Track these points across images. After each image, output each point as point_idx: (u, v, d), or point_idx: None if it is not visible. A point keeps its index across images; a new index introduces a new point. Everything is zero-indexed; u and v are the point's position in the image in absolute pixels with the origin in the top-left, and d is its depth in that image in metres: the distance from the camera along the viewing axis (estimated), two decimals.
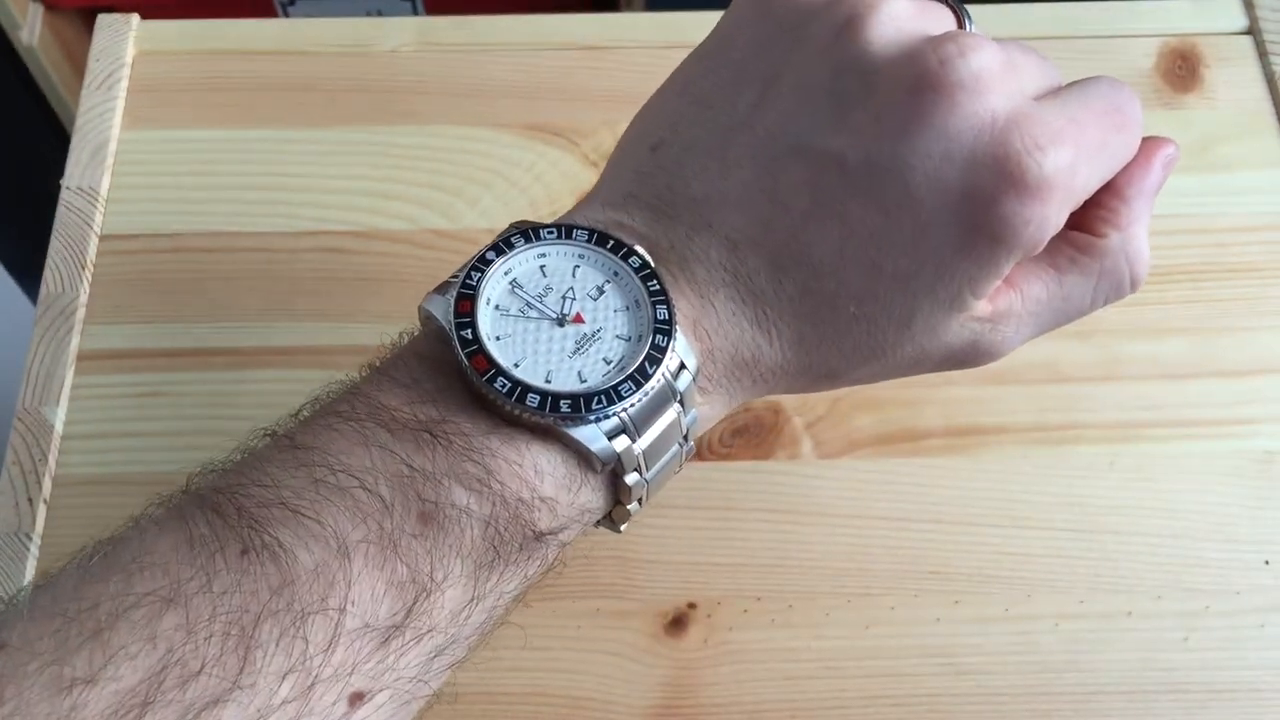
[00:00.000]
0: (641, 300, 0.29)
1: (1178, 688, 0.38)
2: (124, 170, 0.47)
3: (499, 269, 0.29)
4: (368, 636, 0.25)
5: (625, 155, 0.32)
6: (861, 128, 0.28)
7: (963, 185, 0.27)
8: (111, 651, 0.22)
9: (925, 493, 0.41)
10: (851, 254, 0.28)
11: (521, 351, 0.28)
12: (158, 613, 0.23)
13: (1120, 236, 0.31)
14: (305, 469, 0.26)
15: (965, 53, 0.27)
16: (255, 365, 0.44)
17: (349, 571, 0.25)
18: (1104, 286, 0.31)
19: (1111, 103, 0.30)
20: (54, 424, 0.42)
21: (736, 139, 0.30)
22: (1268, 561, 0.40)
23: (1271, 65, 0.49)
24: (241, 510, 0.25)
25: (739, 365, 0.30)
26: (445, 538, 0.26)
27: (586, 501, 0.28)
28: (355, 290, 0.45)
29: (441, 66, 0.50)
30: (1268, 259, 0.46)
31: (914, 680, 0.38)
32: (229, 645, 0.23)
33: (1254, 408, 0.43)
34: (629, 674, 0.38)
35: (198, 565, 0.24)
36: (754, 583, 0.40)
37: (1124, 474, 0.42)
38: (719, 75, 0.31)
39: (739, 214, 0.29)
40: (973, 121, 0.27)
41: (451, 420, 0.27)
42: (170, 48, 0.50)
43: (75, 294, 0.44)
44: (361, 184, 0.47)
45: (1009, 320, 0.31)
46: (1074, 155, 0.28)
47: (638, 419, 0.28)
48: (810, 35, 0.30)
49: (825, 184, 0.28)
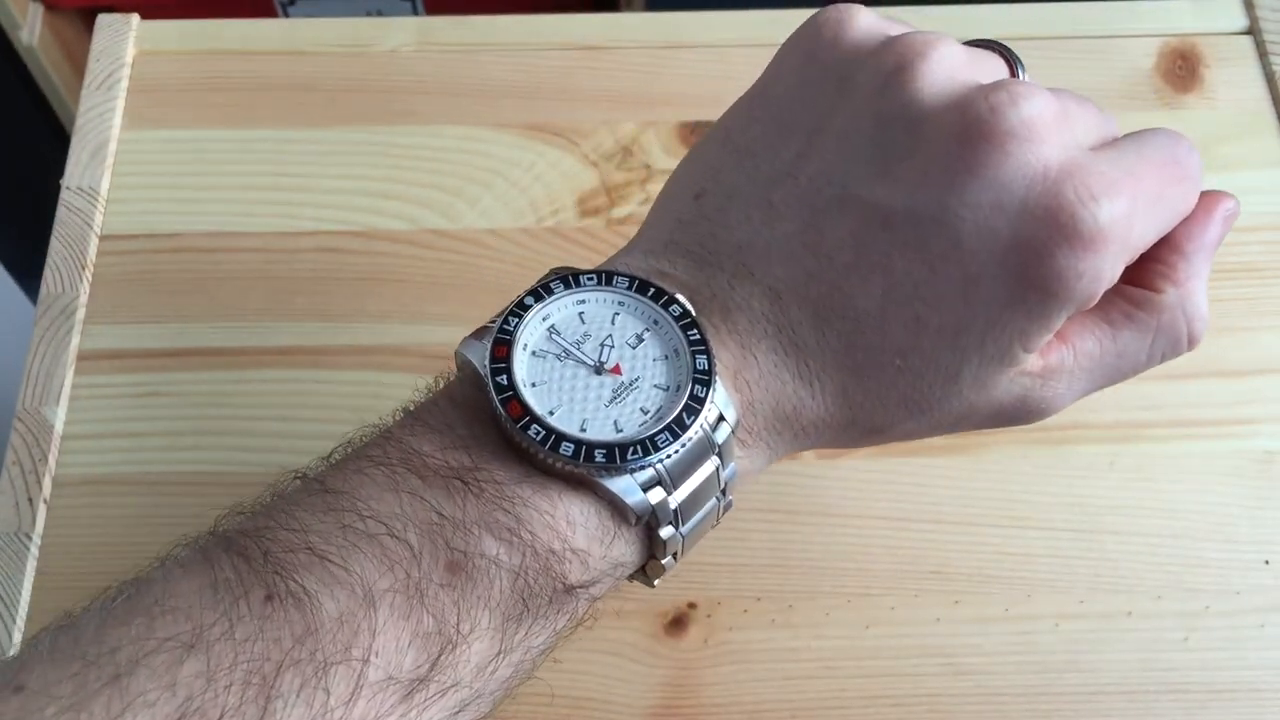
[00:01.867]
0: (681, 349, 0.28)
1: (1178, 688, 0.38)
2: (124, 170, 0.47)
3: (537, 314, 0.29)
4: (391, 689, 0.24)
5: (668, 203, 0.32)
6: (907, 178, 0.27)
7: (1014, 236, 0.27)
8: (130, 699, 0.22)
9: (925, 493, 0.41)
10: (895, 307, 0.28)
11: (557, 399, 0.27)
12: (178, 659, 0.23)
13: (1178, 293, 0.30)
14: (334, 514, 0.25)
15: (1017, 100, 0.27)
16: (255, 365, 0.44)
17: (374, 621, 0.24)
18: (1160, 343, 0.30)
19: (1170, 154, 0.29)
20: (54, 424, 0.42)
21: (780, 188, 0.29)
22: (1268, 561, 0.40)
23: (1271, 65, 0.49)
24: (268, 555, 0.25)
25: (780, 418, 0.29)
26: (474, 588, 0.25)
27: (620, 555, 0.28)
28: (355, 290, 0.45)
29: (441, 66, 0.50)
30: (1268, 259, 0.46)
31: (914, 680, 0.38)
32: (249, 695, 0.23)
33: (1254, 408, 0.43)
34: (629, 674, 0.38)
35: (220, 610, 0.24)
36: (754, 583, 0.40)
37: (1124, 474, 0.42)
38: (763, 124, 0.31)
39: (782, 264, 0.29)
40: (1025, 171, 0.26)
41: (484, 467, 0.26)
42: (170, 48, 0.50)
43: (75, 294, 0.44)
44: (361, 184, 0.47)
45: (1060, 376, 0.30)
46: (1130, 207, 0.27)
47: (674, 471, 0.27)
48: (857, 84, 0.29)
49: (869, 235, 0.28)
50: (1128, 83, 0.49)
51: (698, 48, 0.50)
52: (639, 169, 0.47)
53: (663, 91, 0.49)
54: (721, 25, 0.51)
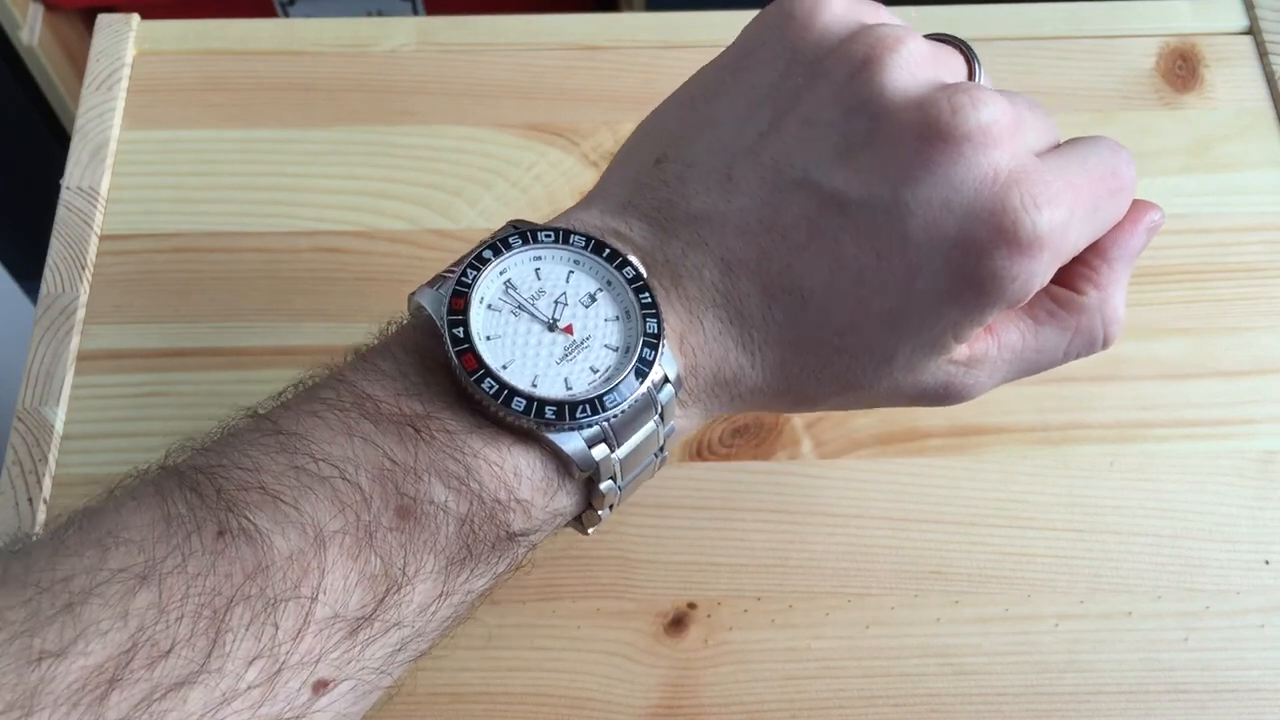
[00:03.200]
0: (632, 311, 0.29)
1: (1178, 688, 0.38)
2: (124, 170, 0.47)
3: (495, 268, 0.29)
4: (336, 626, 0.25)
5: (627, 164, 0.33)
6: (867, 168, 0.28)
7: (958, 235, 0.28)
8: (82, 626, 0.22)
9: (926, 493, 0.41)
10: (841, 289, 0.29)
11: (510, 354, 0.28)
12: (131, 590, 0.23)
13: (1099, 296, 0.31)
14: (287, 454, 0.26)
15: (978, 105, 0.28)
16: (256, 365, 0.44)
17: (323, 560, 0.25)
18: (1077, 342, 0.32)
19: (1109, 166, 0.30)
20: (54, 424, 0.42)
21: (742, 163, 0.30)
22: (1268, 561, 0.40)
23: (1271, 65, 0.49)
24: (220, 491, 0.25)
25: (720, 383, 0.31)
26: (421, 533, 0.26)
27: (560, 505, 0.29)
28: (355, 290, 0.45)
29: (441, 66, 0.50)
30: (1268, 259, 0.46)
31: (914, 680, 0.38)
32: (199, 627, 0.23)
33: (1254, 408, 0.43)
34: (629, 674, 0.38)
35: (173, 544, 0.24)
36: (754, 583, 0.40)
37: (1124, 474, 0.42)
38: (730, 97, 0.31)
39: (737, 237, 0.30)
40: (976, 173, 0.28)
41: (435, 416, 0.27)
42: (170, 48, 0.50)
43: (75, 294, 0.44)
44: (361, 184, 0.47)
45: (983, 365, 0.31)
46: (1068, 216, 0.28)
47: (618, 429, 0.28)
48: (826, 70, 0.30)
49: (824, 219, 0.29)
50: (1128, 82, 0.49)
51: (697, 47, 0.50)
52: None
53: (662, 91, 0.49)
54: (720, 25, 0.51)
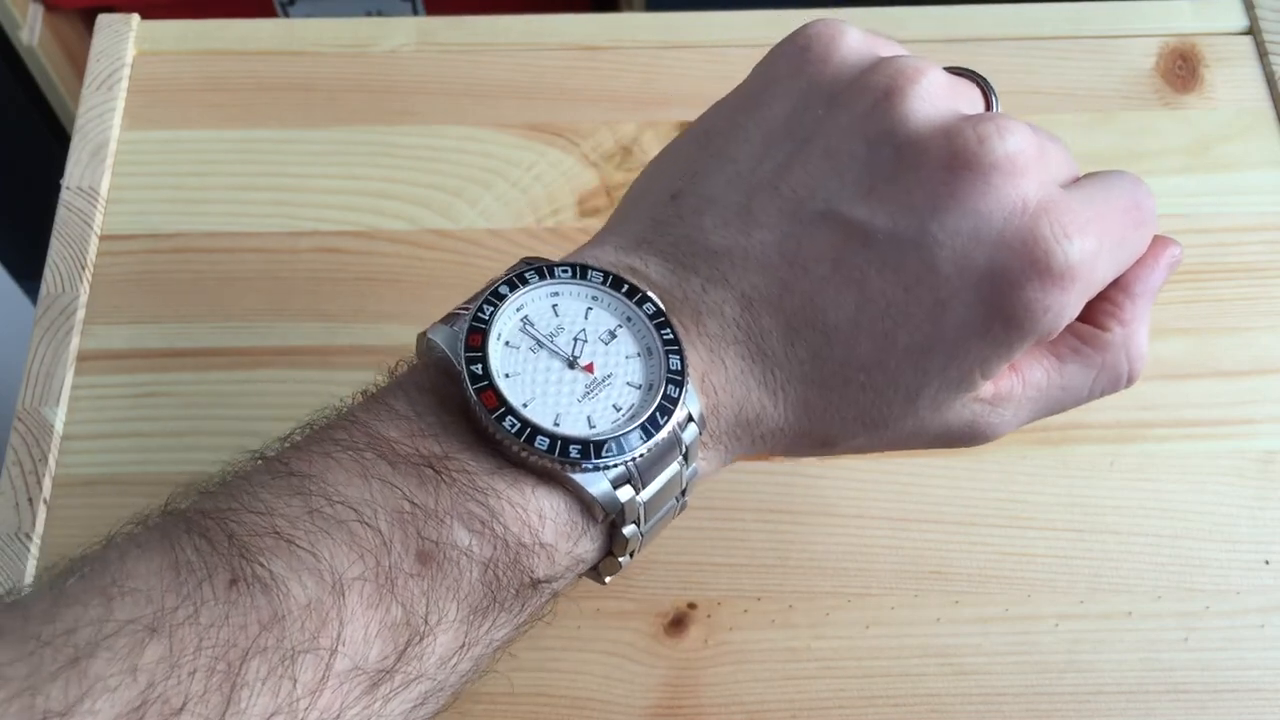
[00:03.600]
0: (654, 348, 0.28)
1: (1178, 688, 0.38)
2: (124, 170, 0.47)
3: (511, 304, 0.28)
4: (356, 680, 0.24)
5: (640, 201, 0.32)
6: (892, 199, 0.28)
7: (988, 266, 0.27)
8: (89, 683, 0.21)
9: (925, 493, 0.41)
10: (866, 324, 0.28)
11: (531, 391, 0.27)
12: (140, 643, 0.22)
13: (1124, 332, 0.31)
14: (301, 497, 0.25)
15: (1004, 134, 0.27)
16: (256, 365, 0.44)
17: (342, 609, 0.24)
18: (1102, 379, 0.31)
19: (1132, 199, 0.30)
20: (54, 424, 0.42)
21: (761, 197, 0.29)
22: (1268, 561, 0.40)
23: (1271, 65, 0.49)
24: (232, 537, 0.24)
25: (741, 424, 0.30)
26: (443, 579, 0.25)
27: (582, 551, 0.28)
28: (355, 290, 0.45)
29: (441, 66, 0.50)
30: (1268, 259, 0.46)
31: (914, 680, 0.38)
32: (214, 682, 0.22)
33: (1254, 408, 0.43)
34: (629, 674, 0.38)
35: (184, 594, 0.23)
36: (754, 583, 0.40)
37: (1124, 474, 0.42)
38: (747, 131, 0.31)
39: (758, 273, 0.29)
40: (1004, 204, 0.27)
41: (455, 457, 0.26)
42: (170, 48, 0.50)
43: (75, 294, 0.44)
44: (361, 184, 0.47)
45: (1008, 404, 0.31)
46: (1097, 246, 0.28)
47: (644, 469, 0.27)
48: (847, 102, 0.29)
49: (848, 252, 0.28)
50: (1128, 82, 0.49)
51: (697, 48, 0.50)
52: (639, 169, 0.47)
53: (662, 91, 0.49)
54: (721, 25, 0.51)
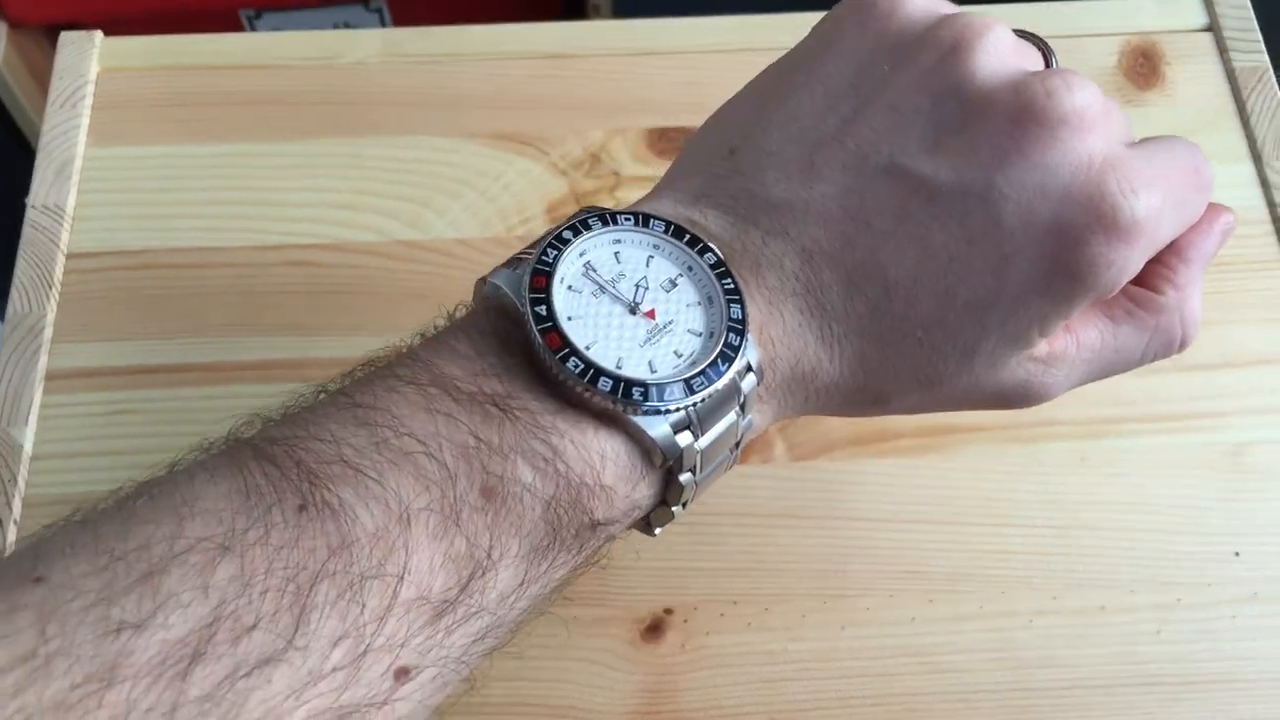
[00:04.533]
0: (715, 297, 0.28)
1: (1152, 680, 0.39)
2: (90, 188, 0.47)
3: (575, 249, 0.28)
4: (421, 609, 0.24)
5: (698, 156, 0.32)
6: (958, 153, 0.28)
7: (1053, 220, 0.27)
8: (162, 598, 0.21)
9: (899, 493, 0.41)
10: (928, 279, 0.28)
11: (594, 334, 0.27)
12: (212, 561, 0.22)
13: (1178, 296, 0.31)
14: (367, 428, 0.25)
15: (1072, 88, 0.28)
16: (227, 381, 0.43)
17: (409, 539, 0.24)
18: (1155, 343, 0.31)
19: (1192, 162, 0.30)
20: (23, 444, 0.41)
21: (825, 151, 0.29)
22: (1238, 553, 0.40)
23: (1232, 61, 0.49)
24: (300, 464, 0.24)
25: (797, 378, 0.30)
26: (507, 514, 0.25)
27: (640, 497, 0.28)
28: (326, 303, 0.45)
29: (408, 78, 0.50)
30: (1235, 254, 0.46)
31: (891, 680, 0.39)
32: (284, 603, 0.22)
33: (1223, 401, 0.43)
34: (607, 681, 0.38)
35: (254, 516, 0.23)
36: (730, 587, 0.40)
37: (1096, 469, 0.42)
38: (809, 88, 0.31)
39: (819, 226, 0.29)
40: (1071, 158, 0.27)
41: (517, 396, 0.26)
42: (134, 64, 0.50)
43: (43, 313, 0.44)
44: (329, 196, 0.47)
45: (1062, 364, 0.31)
46: (1162, 203, 0.28)
47: (703, 416, 0.27)
48: (912, 57, 0.29)
49: (912, 206, 0.28)
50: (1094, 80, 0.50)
51: (665, 54, 0.50)
52: (608, 176, 0.47)
53: (630, 98, 0.49)
54: (688, 32, 0.51)
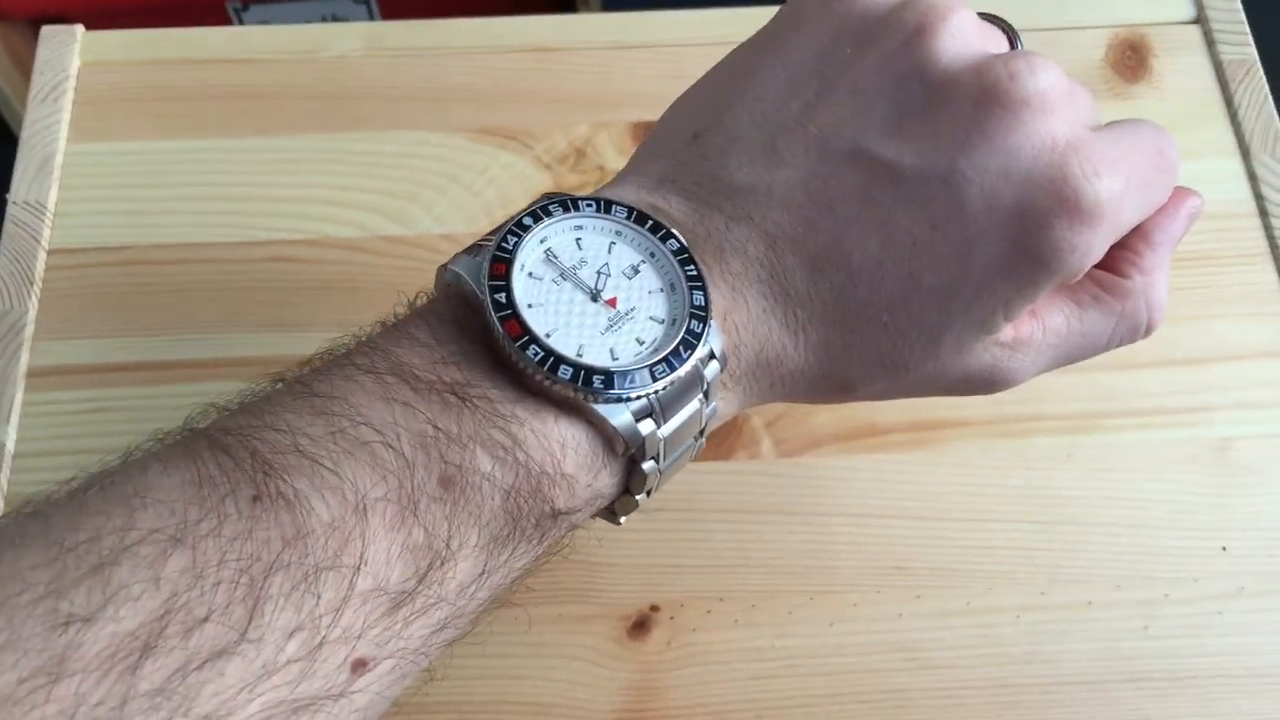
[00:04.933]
0: (678, 284, 0.28)
1: (1139, 676, 0.39)
2: (71, 183, 0.46)
3: (535, 236, 0.28)
4: (377, 600, 0.24)
5: (662, 141, 0.32)
6: (920, 136, 0.28)
7: (1016, 203, 0.27)
8: (112, 590, 0.21)
9: (886, 488, 0.41)
10: (891, 263, 0.28)
11: (554, 322, 0.27)
12: (163, 552, 0.22)
13: (1144, 280, 0.31)
14: (323, 418, 0.25)
15: (1035, 71, 0.28)
16: (211, 378, 0.43)
17: (365, 529, 0.24)
18: (1121, 328, 0.32)
19: (1156, 144, 0.30)
20: (5, 443, 0.41)
21: (787, 135, 0.29)
22: (1225, 548, 0.40)
23: (1220, 54, 0.49)
24: (255, 454, 0.24)
25: (761, 365, 0.30)
26: (465, 504, 0.25)
27: (602, 485, 0.28)
28: (310, 299, 0.45)
29: (392, 71, 0.49)
30: (1221, 247, 0.46)
31: (878, 676, 0.39)
32: (237, 595, 0.22)
33: (1210, 395, 0.43)
34: (593, 678, 0.38)
35: (207, 507, 0.23)
36: (716, 583, 0.40)
37: (1082, 464, 0.42)
38: (772, 71, 0.31)
39: (782, 211, 0.29)
40: (1034, 140, 0.27)
41: (477, 384, 0.26)
42: (116, 58, 0.49)
43: (24, 310, 0.44)
44: (314, 192, 0.47)
45: (1028, 349, 0.31)
46: (1124, 187, 0.28)
47: (665, 403, 0.27)
48: (875, 41, 0.29)
49: (875, 190, 0.28)
50: (1078, 73, 0.49)
51: (650, 48, 0.50)
52: (593, 170, 0.47)
53: (615, 92, 0.49)
54: (673, 25, 0.50)
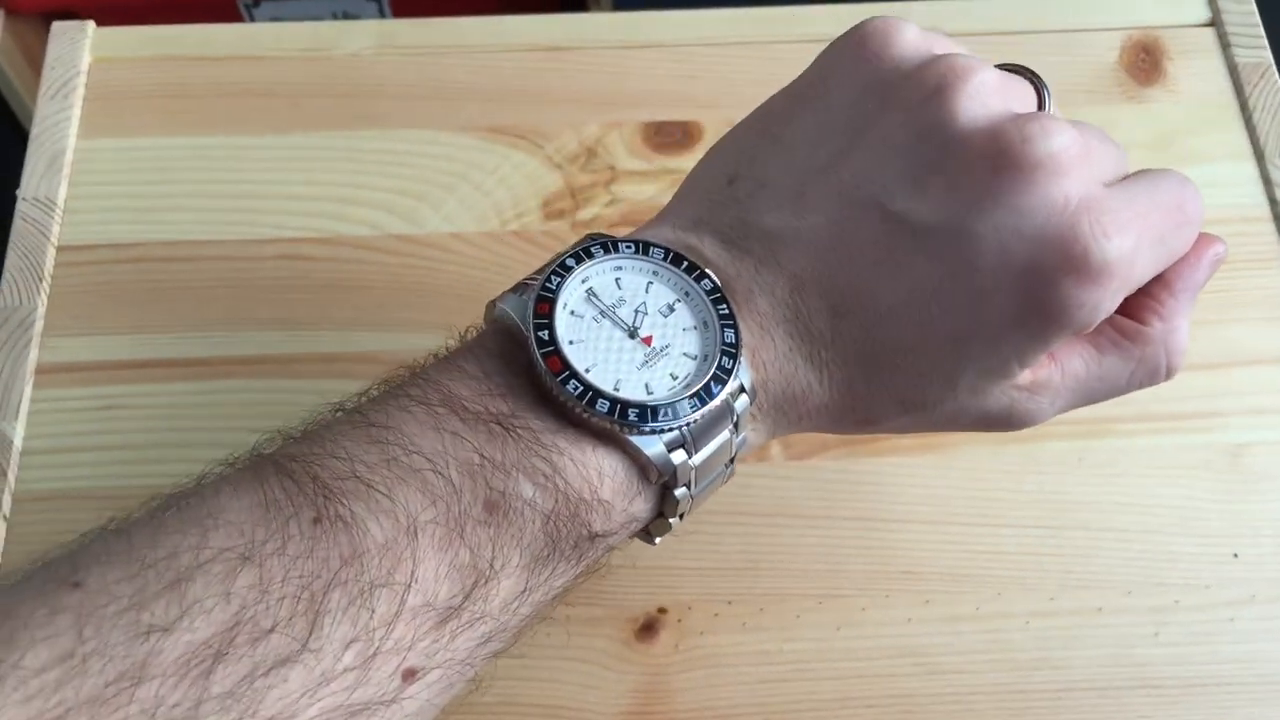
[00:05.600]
0: (710, 322, 0.30)
1: (1149, 683, 0.38)
2: (81, 180, 0.46)
3: (577, 276, 0.30)
4: (427, 615, 0.26)
5: (699, 184, 0.33)
6: (937, 193, 0.29)
7: (1027, 261, 0.28)
8: (188, 603, 0.23)
9: (895, 492, 0.41)
10: (910, 309, 0.29)
11: (593, 358, 0.29)
12: (233, 570, 0.24)
13: (1164, 328, 0.32)
14: (379, 446, 0.27)
15: (1048, 134, 0.28)
16: (219, 376, 0.43)
17: (415, 550, 0.26)
18: (1140, 373, 0.32)
19: (1176, 198, 0.30)
20: (13, 439, 0.41)
21: (816, 183, 0.31)
22: (1237, 555, 0.40)
23: (1234, 57, 0.49)
24: (316, 480, 0.26)
25: (787, 399, 0.31)
26: (508, 527, 0.27)
27: (636, 510, 0.30)
28: (319, 298, 0.44)
29: (403, 69, 0.49)
30: (1235, 251, 0.45)
31: (886, 681, 0.38)
32: (299, 609, 0.24)
33: (1223, 401, 0.43)
34: (600, 681, 0.38)
35: (273, 529, 0.25)
36: (725, 586, 0.40)
37: (1094, 469, 0.42)
38: (804, 121, 0.32)
39: (808, 255, 0.30)
40: (1046, 201, 0.28)
41: (521, 415, 0.28)
42: (127, 54, 0.49)
43: (33, 306, 0.44)
44: (324, 190, 0.47)
45: (1046, 392, 0.32)
46: (1136, 245, 0.29)
47: (697, 435, 0.29)
48: (899, 97, 0.30)
49: (895, 241, 0.29)
50: (1092, 76, 0.49)
51: (660, 47, 0.50)
52: (603, 170, 0.47)
53: (626, 92, 0.49)
54: (684, 25, 0.50)
